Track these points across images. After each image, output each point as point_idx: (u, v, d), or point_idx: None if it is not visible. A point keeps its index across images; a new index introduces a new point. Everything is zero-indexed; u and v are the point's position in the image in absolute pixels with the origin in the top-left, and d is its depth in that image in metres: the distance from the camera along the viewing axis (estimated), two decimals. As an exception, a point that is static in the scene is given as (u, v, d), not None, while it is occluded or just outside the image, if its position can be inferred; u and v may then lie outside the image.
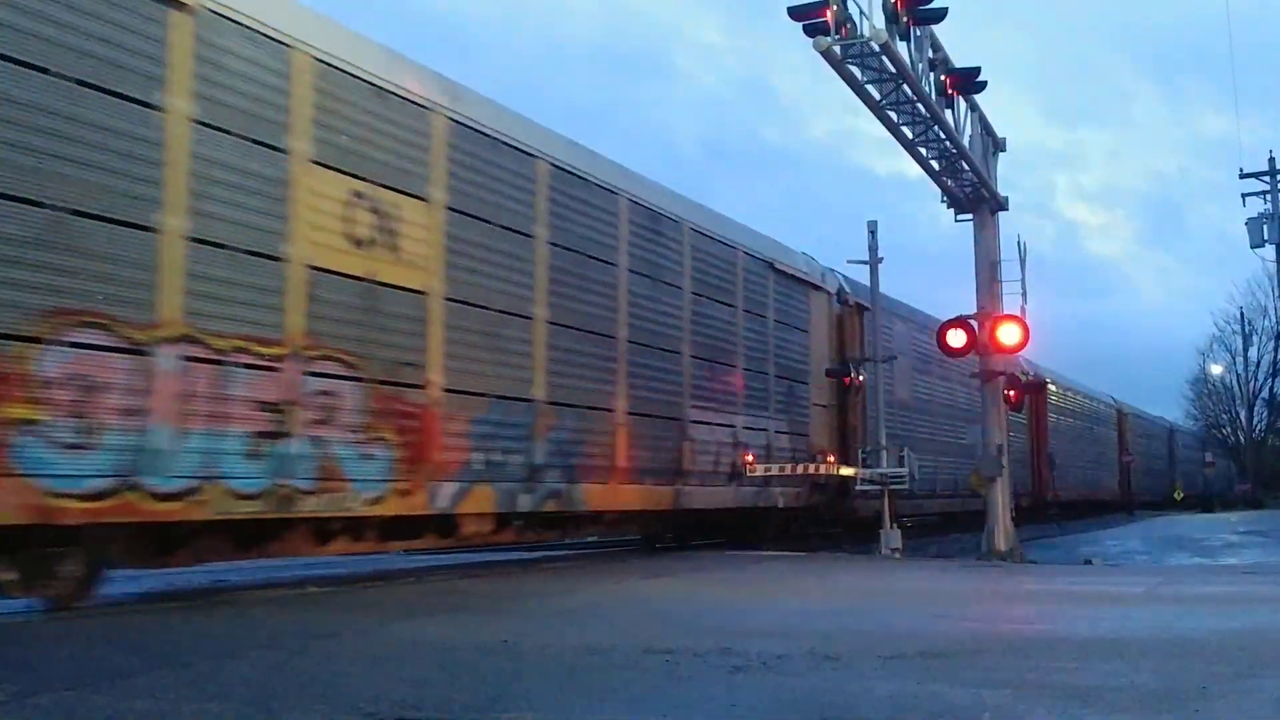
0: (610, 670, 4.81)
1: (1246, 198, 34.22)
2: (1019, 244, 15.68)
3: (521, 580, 9.50)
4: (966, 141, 14.25)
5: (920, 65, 12.33)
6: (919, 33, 11.99)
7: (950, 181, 14.93)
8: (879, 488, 14.81)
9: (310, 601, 7.71)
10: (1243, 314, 54.64)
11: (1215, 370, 60.87)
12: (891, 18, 11.17)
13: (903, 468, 14.92)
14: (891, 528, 14.63)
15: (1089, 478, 34.89)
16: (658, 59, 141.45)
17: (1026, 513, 23.44)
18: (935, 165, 14.41)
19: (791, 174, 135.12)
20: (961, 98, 13.88)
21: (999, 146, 15.82)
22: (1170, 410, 63.38)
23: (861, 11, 11.00)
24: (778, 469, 14.51)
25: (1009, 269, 15.52)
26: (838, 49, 11.06)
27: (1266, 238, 33.80)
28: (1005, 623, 7.20)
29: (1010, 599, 8.74)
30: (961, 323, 14.69)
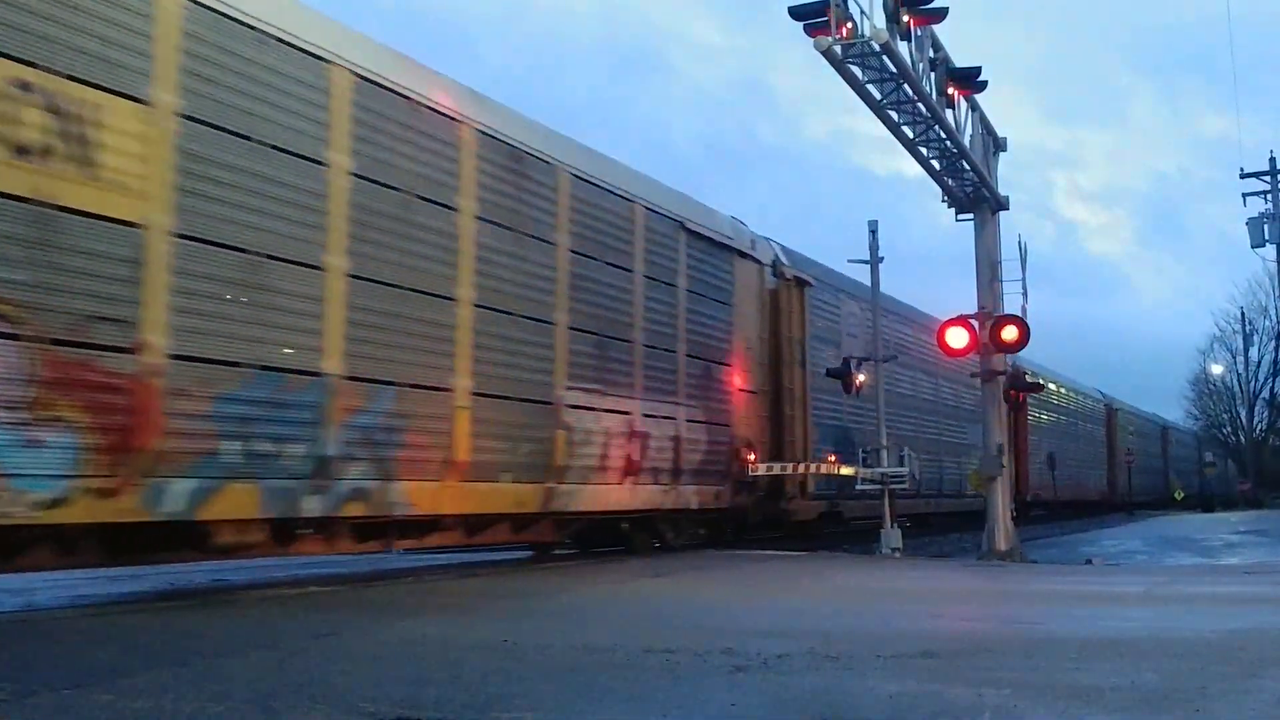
0: (611, 670, 4.80)
1: (1247, 198, 34.35)
2: (1019, 243, 15.74)
3: (521, 580, 9.49)
4: (967, 141, 14.27)
5: (921, 65, 12.34)
6: (919, 32, 12.01)
7: (951, 181, 14.94)
8: (879, 487, 14.83)
9: (310, 601, 7.69)
10: (1244, 314, 54.68)
11: (1216, 370, 60.89)
12: (892, 17, 11.18)
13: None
14: (892, 527, 14.66)
15: (1075, 477, 33.95)
16: (656, 58, 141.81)
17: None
18: (936, 165, 14.42)
19: (790, 173, 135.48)
20: (962, 97, 13.90)
21: (999, 146, 15.85)
22: (1170, 410, 63.42)
23: (862, 11, 11.03)
24: (792, 468, 14.18)
25: (1009, 268, 15.61)
26: (838, 49, 11.06)
27: (1267, 238, 33.86)
28: (1005, 622, 7.19)
29: (1010, 599, 8.75)
30: (962, 321, 14.71)
